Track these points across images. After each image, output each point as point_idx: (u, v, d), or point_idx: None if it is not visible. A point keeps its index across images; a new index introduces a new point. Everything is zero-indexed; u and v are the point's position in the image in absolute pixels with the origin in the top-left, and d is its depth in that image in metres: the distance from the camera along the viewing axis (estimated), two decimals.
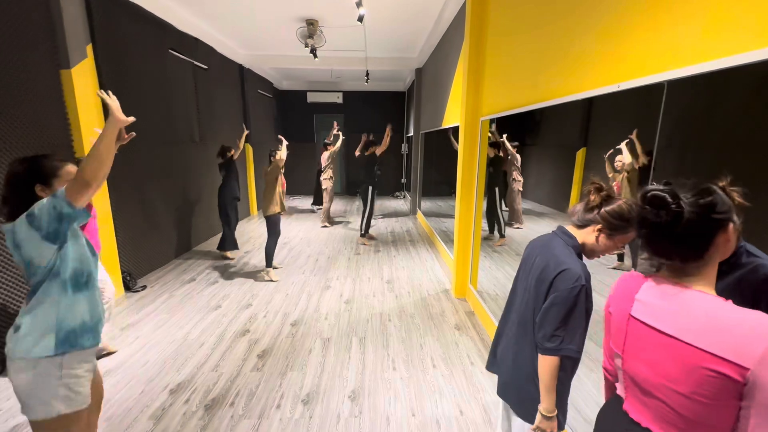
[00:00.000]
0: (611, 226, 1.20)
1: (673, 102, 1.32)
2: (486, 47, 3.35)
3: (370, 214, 5.81)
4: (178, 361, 2.73)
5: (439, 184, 7.00)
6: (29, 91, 2.90)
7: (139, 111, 4.22)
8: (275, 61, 7.57)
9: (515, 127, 3.80)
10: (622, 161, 1.90)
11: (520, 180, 3.92)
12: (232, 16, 5.21)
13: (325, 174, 6.80)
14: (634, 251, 1.87)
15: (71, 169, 1.35)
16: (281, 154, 4.04)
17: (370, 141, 5.80)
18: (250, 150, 7.82)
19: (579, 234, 1.28)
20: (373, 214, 5.88)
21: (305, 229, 6.86)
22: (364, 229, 5.87)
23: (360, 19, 4.51)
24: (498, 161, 3.89)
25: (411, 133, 9.10)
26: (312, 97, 10.58)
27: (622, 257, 2.17)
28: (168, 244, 4.89)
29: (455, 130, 4.39)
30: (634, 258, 1.87)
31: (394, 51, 7.10)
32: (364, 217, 5.82)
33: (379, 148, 5.67)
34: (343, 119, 10.83)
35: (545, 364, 1.21)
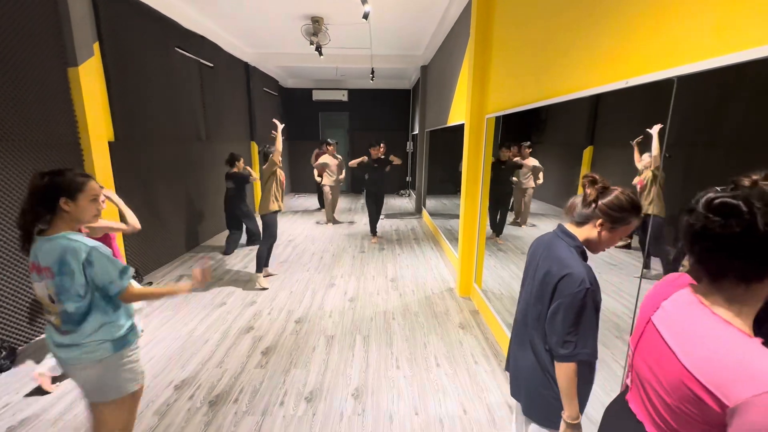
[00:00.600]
0: (612, 219, 1.16)
1: (682, 98, 1.29)
2: (492, 44, 3.32)
3: (369, 216, 5.95)
4: (182, 357, 2.75)
5: (445, 183, 6.97)
6: (37, 89, 2.92)
7: (146, 109, 4.25)
8: (280, 59, 7.57)
9: (521, 126, 3.76)
10: (646, 158, 1.71)
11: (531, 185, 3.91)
12: (238, 14, 5.21)
13: (326, 179, 6.74)
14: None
15: (94, 185, 1.44)
16: (277, 145, 3.82)
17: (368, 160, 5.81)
18: (255, 148, 7.84)
19: (580, 232, 1.23)
20: (373, 215, 5.92)
21: (310, 226, 6.87)
22: (371, 229, 6.00)
23: (365, 16, 4.49)
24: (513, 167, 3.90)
25: (416, 131, 9.07)
26: (317, 95, 10.58)
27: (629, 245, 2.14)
28: (174, 241, 4.92)
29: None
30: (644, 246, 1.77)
31: (400, 48, 7.07)
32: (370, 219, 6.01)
33: (354, 161, 5.81)
34: (348, 117, 10.84)
35: (562, 371, 1.17)
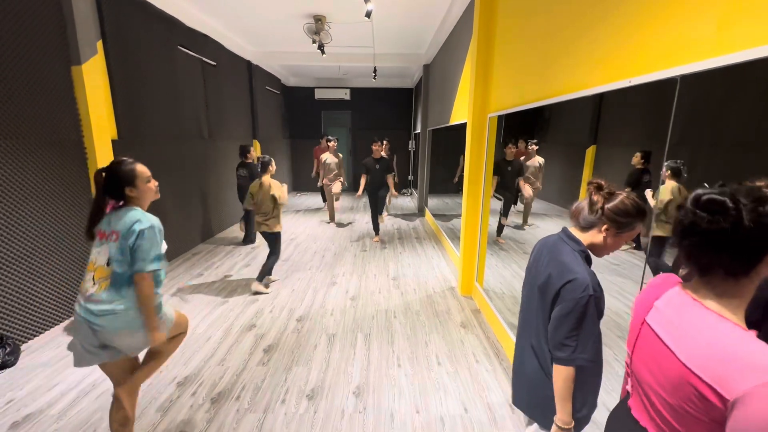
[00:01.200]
0: (618, 225, 1.16)
1: (685, 97, 1.29)
2: (494, 42, 3.31)
3: (371, 214, 5.96)
4: (185, 354, 2.76)
5: (447, 182, 6.95)
6: (41, 87, 2.94)
7: (149, 107, 4.27)
8: (283, 57, 7.58)
9: (523, 125, 3.75)
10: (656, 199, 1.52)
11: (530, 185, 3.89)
12: (241, 12, 5.22)
13: (336, 187, 6.69)
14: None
15: (141, 167, 1.67)
16: (283, 195, 3.71)
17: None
18: (257, 146, 7.85)
19: (584, 237, 1.23)
20: (374, 214, 5.92)
21: (312, 225, 6.89)
22: (373, 228, 6.01)
23: (368, 14, 4.49)
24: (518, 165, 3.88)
25: (418, 130, 9.06)
26: (319, 94, 10.59)
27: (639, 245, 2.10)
28: (177, 239, 4.94)
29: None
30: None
31: (402, 47, 7.06)
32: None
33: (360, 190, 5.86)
34: (350, 116, 10.84)
35: (558, 374, 1.17)
